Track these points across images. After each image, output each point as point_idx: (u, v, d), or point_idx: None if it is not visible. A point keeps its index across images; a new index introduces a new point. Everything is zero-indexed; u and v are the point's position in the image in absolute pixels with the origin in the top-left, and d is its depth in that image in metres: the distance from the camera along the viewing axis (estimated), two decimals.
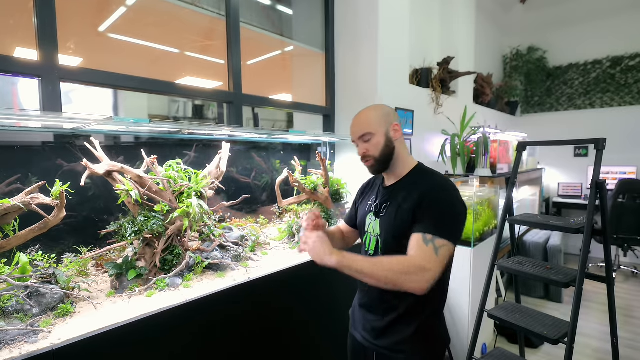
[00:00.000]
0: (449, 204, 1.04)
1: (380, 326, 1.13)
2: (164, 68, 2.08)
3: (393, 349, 1.11)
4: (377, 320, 1.14)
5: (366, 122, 1.14)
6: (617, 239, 4.15)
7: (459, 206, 1.05)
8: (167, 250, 1.39)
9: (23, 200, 1.09)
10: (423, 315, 1.10)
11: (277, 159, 2.44)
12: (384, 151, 1.12)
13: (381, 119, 1.13)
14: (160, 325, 1.09)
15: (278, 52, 2.83)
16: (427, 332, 1.11)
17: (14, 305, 1.00)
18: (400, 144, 1.16)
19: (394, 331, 1.11)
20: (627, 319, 3.35)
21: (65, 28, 1.55)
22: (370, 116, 1.15)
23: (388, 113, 1.16)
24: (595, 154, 1.73)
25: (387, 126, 1.13)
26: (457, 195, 1.07)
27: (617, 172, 4.99)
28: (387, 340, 1.11)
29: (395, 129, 1.14)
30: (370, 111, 1.16)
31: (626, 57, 5.07)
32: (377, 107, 1.17)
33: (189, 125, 1.87)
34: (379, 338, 1.13)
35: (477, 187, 2.73)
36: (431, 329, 1.12)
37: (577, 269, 1.72)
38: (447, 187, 1.08)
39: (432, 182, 1.09)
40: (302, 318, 1.61)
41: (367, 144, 1.13)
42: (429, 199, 1.04)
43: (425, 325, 1.10)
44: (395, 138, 1.14)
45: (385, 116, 1.14)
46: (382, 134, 1.12)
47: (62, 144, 1.50)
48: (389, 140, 1.13)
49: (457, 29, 3.93)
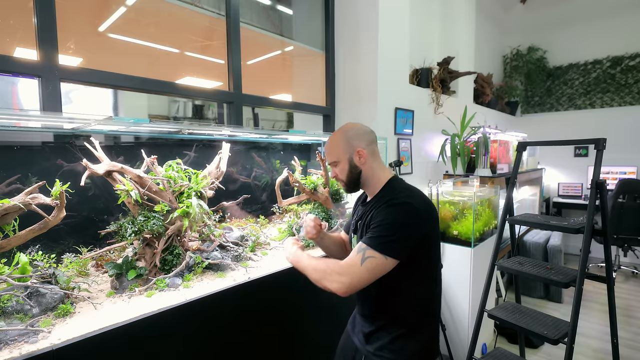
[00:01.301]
0: (391, 218, 1.04)
1: (368, 331, 1.20)
2: (164, 68, 2.08)
3: (375, 353, 1.16)
4: (366, 327, 1.21)
5: (332, 150, 1.21)
6: (617, 239, 4.15)
7: (402, 221, 1.03)
8: (167, 250, 1.39)
9: (23, 200, 1.09)
10: (398, 330, 1.13)
11: (277, 159, 2.44)
12: (349, 176, 1.19)
13: (345, 147, 1.17)
14: (160, 325, 1.09)
15: (278, 52, 2.83)
16: (402, 345, 1.13)
17: (13, 305, 1.00)
18: (368, 166, 1.18)
19: (377, 338, 1.17)
20: (627, 319, 3.35)
21: (65, 28, 1.55)
22: (334, 144, 1.20)
23: (351, 138, 1.17)
24: (596, 154, 1.73)
25: (350, 153, 1.17)
26: (407, 209, 1.05)
27: (617, 172, 4.99)
28: (372, 346, 1.17)
29: (360, 154, 1.16)
30: (334, 138, 1.21)
31: (626, 57, 5.07)
32: (342, 133, 1.20)
33: (188, 125, 1.87)
34: (367, 344, 1.19)
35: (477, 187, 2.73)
36: (406, 343, 1.13)
37: (577, 269, 1.72)
38: (398, 203, 1.06)
39: (388, 198, 1.10)
40: (302, 318, 1.61)
41: (335, 169, 1.22)
42: (376, 212, 1.08)
43: (401, 339, 1.13)
44: (361, 164, 1.17)
45: (349, 143, 1.17)
46: (346, 160, 1.18)
47: (62, 144, 1.50)
48: (353, 166, 1.18)
49: (457, 29, 3.93)
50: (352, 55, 2.79)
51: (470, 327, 2.40)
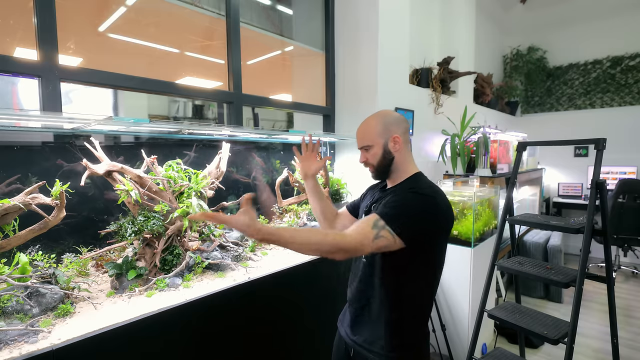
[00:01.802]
0: (411, 202, 1.03)
1: (358, 321, 1.15)
2: (164, 68, 2.08)
3: (366, 347, 1.11)
4: (355, 317, 1.17)
5: (366, 133, 1.17)
6: (617, 239, 4.15)
7: (422, 209, 1.02)
8: (167, 250, 1.39)
9: (23, 200, 1.09)
10: (395, 319, 1.08)
11: (277, 159, 2.44)
12: (381, 162, 1.16)
13: (381, 131, 1.14)
14: (160, 325, 1.09)
15: (278, 52, 2.83)
16: (399, 335, 1.08)
17: (13, 305, 1.00)
18: (401, 154, 1.16)
19: (367, 327, 1.12)
20: (627, 319, 3.35)
21: (65, 28, 1.55)
22: (370, 127, 1.16)
23: (390, 123, 1.15)
24: (596, 154, 1.73)
25: (386, 138, 1.14)
26: (430, 201, 1.04)
27: (617, 172, 4.98)
28: (361, 337, 1.13)
29: (396, 140, 1.14)
30: (371, 121, 1.17)
31: (626, 57, 5.07)
32: (380, 117, 1.17)
33: (188, 125, 1.86)
34: (356, 334, 1.15)
35: (477, 187, 2.73)
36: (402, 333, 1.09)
37: (577, 269, 1.72)
38: (422, 193, 1.05)
39: (412, 186, 1.09)
40: (302, 318, 1.61)
41: (367, 153, 1.18)
42: (396, 195, 1.06)
43: (398, 329, 1.08)
44: (395, 150, 1.15)
45: (386, 127, 1.14)
46: (380, 145, 1.15)
47: (62, 144, 1.50)
48: (387, 152, 1.15)
49: (457, 29, 3.93)
50: (352, 55, 2.79)
51: (470, 327, 2.40)
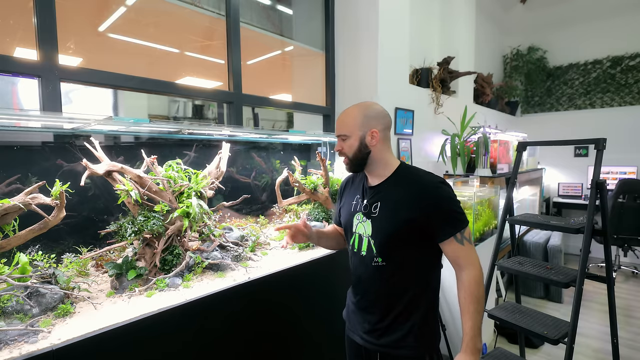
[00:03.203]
0: (450, 196, 1.10)
1: (382, 326, 1.15)
2: (164, 68, 2.08)
3: (395, 345, 1.13)
4: (378, 322, 1.16)
5: (345, 123, 1.15)
6: (617, 239, 4.15)
7: (454, 193, 1.13)
8: (167, 250, 1.39)
9: (23, 200, 1.09)
10: (419, 312, 1.13)
11: (277, 159, 2.44)
12: (356, 155, 1.14)
13: (360, 123, 1.12)
14: (160, 325, 1.09)
15: (278, 52, 2.83)
16: (424, 326, 1.14)
17: (13, 305, 1.00)
18: (378, 149, 1.14)
19: (395, 329, 1.13)
20: (627, 319, 3.35)
21: (65, 28, 1.55)
22: (349, 118, 1.14)
23: (371, 117, 1.13)
24: (596, 154, 1.73)
25: (364, 131, 1.12)
26: (449, 187, 1.13)
27: (617, 172, 4.99)
28: (389, 339, 1.13)
29: (373, 135, 1.12)
30: (353, 111, 1.15)
31: (626, 57, 5.07)
32: (362, 108, 1.15)
33: (188, 125, 1.87)
34: (382, 337, 1.15)
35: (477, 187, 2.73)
36: (426, 323, 1.15)
37: (577, 269, 1.72)
38: (440, 182, 1.11)
39: (424, 182, 1.11)
40: (302, 318, 1.60)
41: (343, 143, 1.16)
42: (434, 201, 1.08)
43: (422, 320, 1.13)
44: (372, 145, 1.13)
45: (366, 120, 1.12)
46: (357, 137, 1.13)
47: (62, 144, 1.50)
48: (364, 145, 1.13)
49: (457, 29, 3.93)
50: (352, 55, 2.79)
51: None
